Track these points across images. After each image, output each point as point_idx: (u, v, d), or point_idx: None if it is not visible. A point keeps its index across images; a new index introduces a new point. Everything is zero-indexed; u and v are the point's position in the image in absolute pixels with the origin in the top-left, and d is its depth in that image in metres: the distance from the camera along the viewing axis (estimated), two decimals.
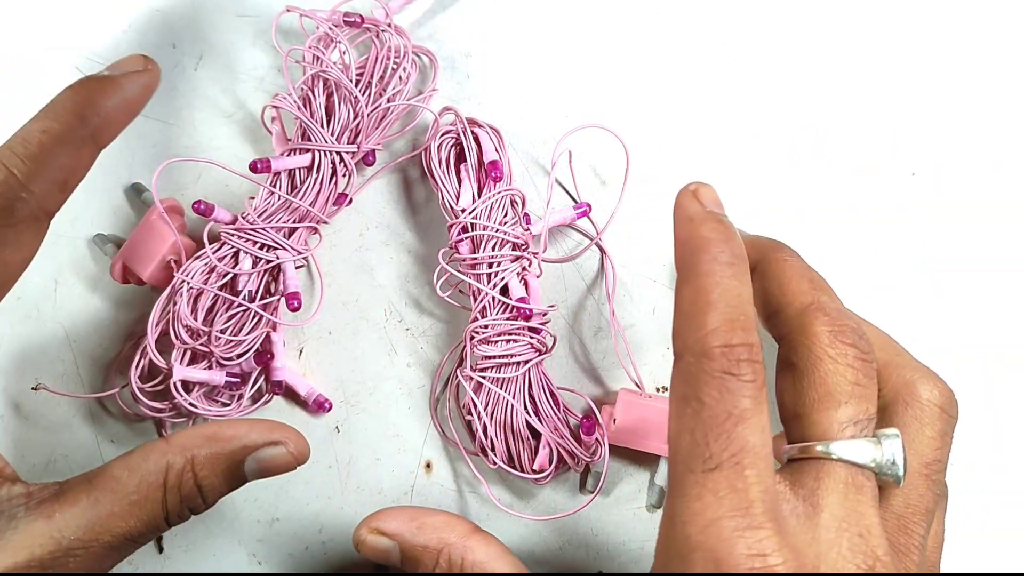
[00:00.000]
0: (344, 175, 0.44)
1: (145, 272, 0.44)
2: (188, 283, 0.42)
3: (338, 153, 0.43)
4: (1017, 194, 0.47)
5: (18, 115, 0.47)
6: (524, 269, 0.44)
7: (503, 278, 0.43)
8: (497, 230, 0.43)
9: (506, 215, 0.44)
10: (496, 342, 0.43)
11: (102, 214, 0.46)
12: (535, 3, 0.49)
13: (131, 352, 0.44)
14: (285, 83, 0.46)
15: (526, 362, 0.43)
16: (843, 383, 0.31)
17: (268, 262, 0.43)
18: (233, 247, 0.43)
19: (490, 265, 0.43)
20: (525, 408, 0.43)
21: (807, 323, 0.32)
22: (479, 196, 0.44)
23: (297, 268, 0.45)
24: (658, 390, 0.46)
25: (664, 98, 0.48)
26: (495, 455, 0.43)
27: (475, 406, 0.43)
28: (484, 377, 0.43)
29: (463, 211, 0.43)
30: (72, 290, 0.46)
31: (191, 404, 0.42)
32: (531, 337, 0.43)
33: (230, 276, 0.43)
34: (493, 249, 0.43)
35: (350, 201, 0.46)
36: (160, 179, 0.43)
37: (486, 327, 0.43)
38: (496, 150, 0.44)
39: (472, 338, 0.43)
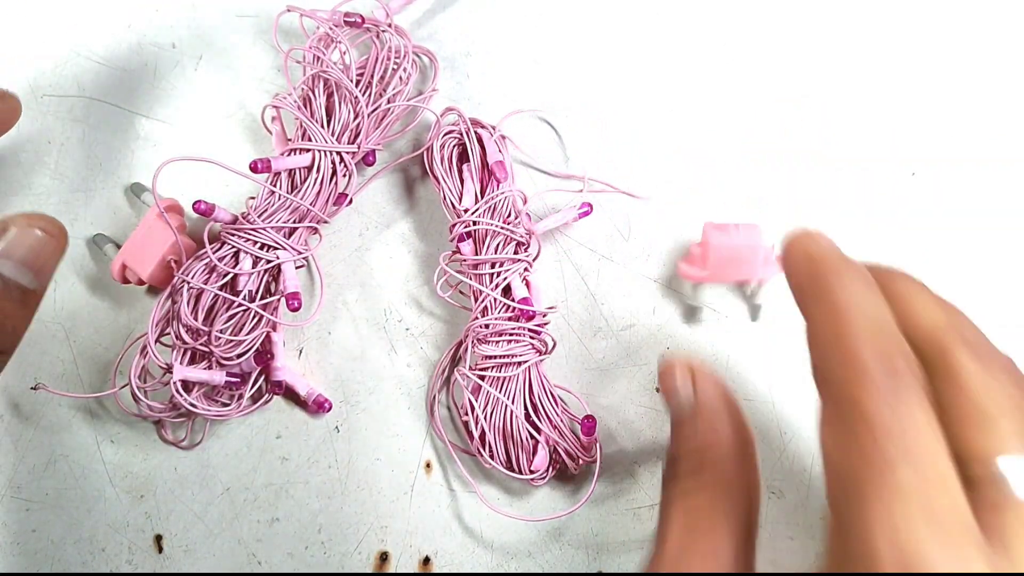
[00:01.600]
0: (344, 175, 0.44)
1: (146, 272, 0.44)
2: (188, 283, 0.42)
3: (338, 153, 0.43)
4: (1017, 194, 0.47)
5: (22, 117, 0.47)
6: (526, 269, 0.44)
7: (505, 278, 0.43)
8: (501, 230, 0.43)
9: (509, 215, 0.44)
10: (497, 342, 0.43)
11: (102, 214, 0.47)
12: (535, 3, 0.49)
13: (131, 352, 0.44)
14: (285, 83, 0.46)
15: (526, 362, 0.43)
16: (996, 396, 0.27)
17: (268, 262, 0.43)
18: (233, 247, 0.43)
19: (492, 265, 0.43)
20: (525, 408, 0.43)
21: (944, 343, 0.29)
22: (482, 196, 0.44)
23: (297, 268, 0.44)
24: (657, 390, 0.46)
25: (667, 98, 0.48)
26: (491, 456, 0.43)
27: (472, 408, 0.43)
28: (483, 377, 0.43)
29: (466, 211, 0.43)
30: (72, 290, 0.46)
31: (191, 404, 0.42)
32: (532, 337, 0.43)
33: (230, 276, 0.43)
34: (496, 250, 0.43)
35: (350, 201, 0.46)
36: (160, 179, 0.42)
37: (487, 327, 0.43)
38: (499, 151, 0.44)
39: (473, 338, 0.43)
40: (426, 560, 0.45)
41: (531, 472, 0.43)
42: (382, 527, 0.45)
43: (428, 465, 0.46)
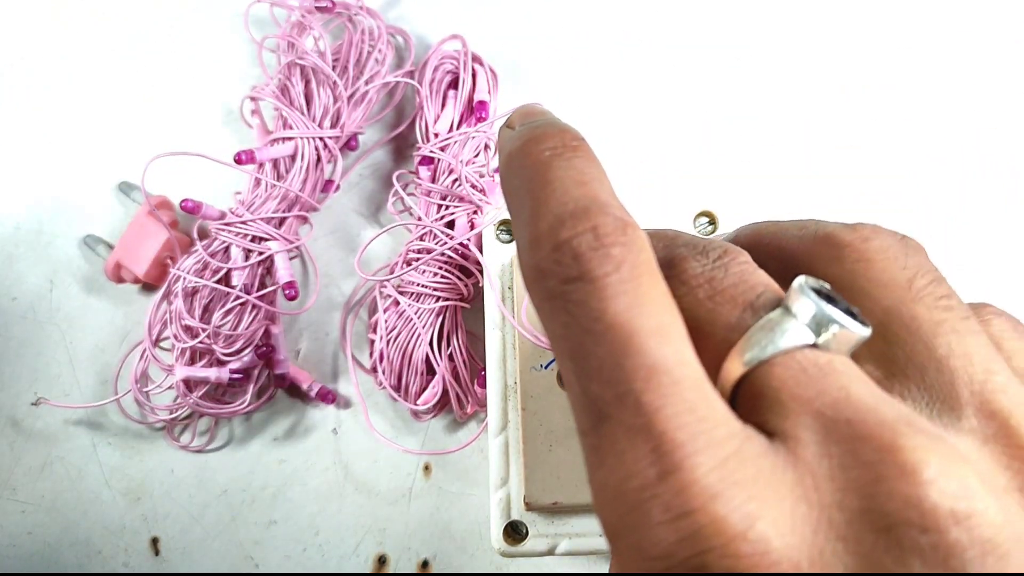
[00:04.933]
0: (329, 161, 0.43)
1: (141, 270, 0.44)
2: (185, 277, 0.42)
3: (321, 139, 0.42)
4: (1016, 193, 0.46)
5: (16, 119, 0.48)
6: (475, 212, 0.43)
7: (453, 213, 0.42)
8: (466, 164, 0.42)
9: (477, 156, 0.43)
10: (423, 271, 0.42)
11: (95, 214, 0.47)
12: None
13: (131, 358, 0.44)
14: (264, 75, 0.46)
15: (446, 299, 0.42)
16: (695, 308, 0.22)
17: (260, 254, 0.42)
18: (224, 242, 0.42)
19: (443, 197, 0.42)
20: (431, 344, 0.42)
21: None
22: (457, 128, 0.43)
23: (291, 259, 0.44)
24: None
25: (665, 92, 0.46)
26: (384, 375, 0.42)
27: (376, 327, 0.42)
28: (398, 302, 0.42)
29: (436, 136, 0.43)
30: (68, 291, 0.46)
31: (196, 403, 0.42)
32: (460, 280, 0.42)
33: (223, 272, 0.42)
34: (453, 184, 0.42)
35: (337, 187, 0.45)
36: (151, 178, 0.42)
37: (419, 251, 0.42)
38: (488, 91, 0.44)
39: (402, 260, 0.43)
40: (424, 563, 0.44)
41: (417, 404, 0.42)
42: (380, 530, 0.44)
43: (427, 468, 0.44)
